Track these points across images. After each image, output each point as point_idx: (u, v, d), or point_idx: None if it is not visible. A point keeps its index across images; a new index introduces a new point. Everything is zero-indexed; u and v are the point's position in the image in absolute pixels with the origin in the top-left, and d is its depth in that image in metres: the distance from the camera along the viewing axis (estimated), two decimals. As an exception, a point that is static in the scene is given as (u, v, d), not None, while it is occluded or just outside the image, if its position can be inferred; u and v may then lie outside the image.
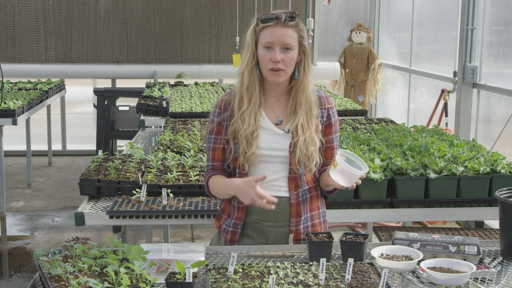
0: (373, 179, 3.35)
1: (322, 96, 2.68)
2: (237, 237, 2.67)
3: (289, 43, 2.52)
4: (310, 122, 2.59)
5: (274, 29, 2.52)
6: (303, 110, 2.58)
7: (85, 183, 3.47)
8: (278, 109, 2.65)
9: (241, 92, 2.59)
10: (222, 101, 2.68)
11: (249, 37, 2.58)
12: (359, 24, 9.51)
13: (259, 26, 2.55)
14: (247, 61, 2.58)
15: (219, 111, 2.66)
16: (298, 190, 2.64)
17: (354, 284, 2.14)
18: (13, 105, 6.53)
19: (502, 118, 5.76)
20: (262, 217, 2.64)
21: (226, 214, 2.73)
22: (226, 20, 9.44)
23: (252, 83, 2.58)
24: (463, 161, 3.51)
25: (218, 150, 2.66)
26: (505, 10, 5.92)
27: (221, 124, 2.65)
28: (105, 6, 9.32)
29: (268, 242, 2.67)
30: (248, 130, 2.55)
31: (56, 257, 2.31)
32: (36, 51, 9.28)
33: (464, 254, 2.39)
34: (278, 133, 2.61)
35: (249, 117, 2.56)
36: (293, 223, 2.65)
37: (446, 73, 7.05)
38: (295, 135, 2.58)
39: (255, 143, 2.56)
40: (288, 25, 2.53)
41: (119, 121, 8.35)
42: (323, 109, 2.66)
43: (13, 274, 5.23)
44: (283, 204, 2.63)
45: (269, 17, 2.53)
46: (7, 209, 6.85)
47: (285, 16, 2.53)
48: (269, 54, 2.53)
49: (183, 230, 6.28)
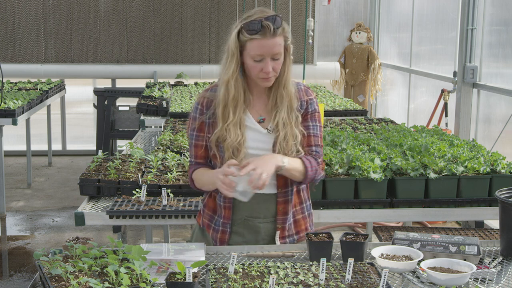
0: (373, 179, 3.35)
1: (301, 89, 2.65)
2: (227, 237, 2.66)
3: (278, 52, 2.48)
4: (290, 116, 2.57)
5: (263, 41, 2.44)
6: (284, 105, 2.56)
7: (85, 183, 3.47)
8: (260, 107, 2.62)
9: (225, 101, 2.53)
10: (204, 98, 2.63)
11: (232, 45, 2.48)
12: (359, 24, 9.51)
13: (245, 36, 2.46)
14: (232, 70, 2.50)
15: (201, 108, 2.62)
16: (287, 189, 2.63)
17: (354, 284, 2.14)
18: (13, 105, 6.53)
19: (502, 118, 5.76)
20: (252, 213, 2.64)
21: (209, 209, 2.71)
22: (226, 20, 9.44)
23: (238, 92, 2.53)
24: (463, 161, 3.51)
25: (201, 148, 2.64)
26: (505, 10, 5.92)
27: (203, 122, 2.62)
28: (105, 6, 9.32)
29: (259, 238, 2.66)
30: (234, 141, 2.52)
31: (56, 257, 2.30)
32: (36, 51, 9.28)
33: (464, 254, 2.39)
34: (262, 131, 2.60)
35: (235, 128, 2.53)
36: (279, 220, 2.65)
37: (446, 73, 7.05)
38: (275, 131, 2.56)
39: (242, 150, 2.54)
40: (276, 35, 2.46)
41: (119, 121, 8.35)
42: (303, 101, 2.63)
43: (13, 274, 5.23)
44: (270, 200, 2.62)
45: (256, 28, 2.43)
46: (7, 209, 6.85)
47: (273, 26, 2.44)
48: (259, 65, 2.48)
49: (183, 230, 6.28)
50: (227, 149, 2.53)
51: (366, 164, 3.38)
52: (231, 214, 2.64)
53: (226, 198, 2.60)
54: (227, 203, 2.63)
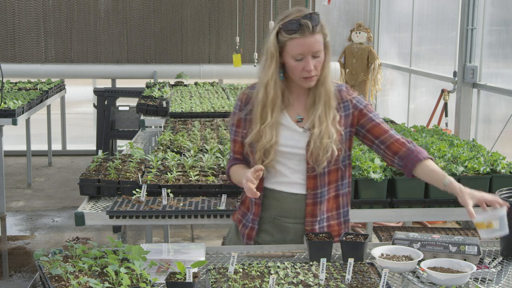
0: (373, 179, 3.35)
1: (342, 90, 2.64)
2: (254, 233, 2.67)
3: (318, 49, 2.49)
4: (328, 114, 2.55)
5: (302, 40, 2.46)
6: (321, 102, 2.56)
7: (85, 183, 3.47)
8: (299, 106, 2.63)
9: (264, 102, 2.56)
10: (244, 94, 2.69)
11: (272, 46, 2.50)
12: (359, 24, 9.51)
13: (284, 36, 2.49)
14: (272, 71, 2.52)
15: (240, 104, 2.68)
16: (317, 191, 2.61)
17: (354, 284, 2.14)
18: (13, 105, 6.53)
19: (502, 118, 5.76)
20: (281, 213, 2.64)
21: (244, 207, 2.74)
22: (226, 20, 9.44)
23: (276, 93, 2.55)
24: (463, 161, 3.51)
25: (238, 143, 2.69)
26: (505, 10, 5.92)
27: (241, 118, 2.66)
28: (105, 6, 9.32)
29: (287, 238, 2.66)
30: (267, 143, 2.54)
31: (56, 257, 2.30)
32: (36, 51, 9.28)
33: (464, 254, 2.39)
34: (298, 130, 2.60)
35: (270, 129, 2.55)
36: (308, 222, 2.64)
37: (446, 73, 7.05)
38: (311, 128, 2.56)
39: (273, 152, 2.55)
40: (315, 32, 2.48)
41: (119, 121, 8.35)
42: (346, 102, 2.63)
43: (13, 274, 5.23)
44: (300, 201, 2.62)
45: (294, 28, 2.46)
46: (7, 209, 6.85)
47: (311, 24, 2.46)
48: (301, 64, 2.49)
49: (183, 230, 6.28)
50: (259, 149, 2.56)
51: (366, 164, 3.38)
52: (260, 211, 2.66)
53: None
54: (257, 199, 2.65)
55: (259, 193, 2.46)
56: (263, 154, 2.56)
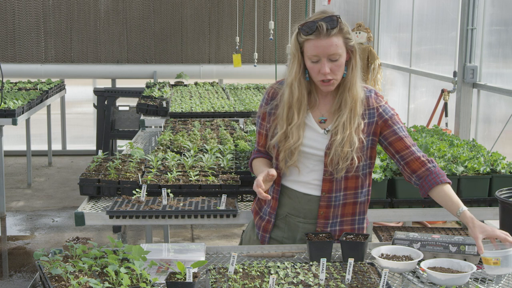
0: (373, 179, 3.35)
1: (371, 96, 2.61)
2: (270, 226, 2.69)
3: (334, 53, 2.47)
4: (352, 121, 2.53)
5: (317, 42, 2.46)
6: (347, 108, 2.54)
7: (85, 183, 3.47)
8: (324, 107, 2.62)
9: (290, 103, 2.55)
10: (272, 88, 2.69)
11: (293, 47, 2.53)
12: (359, 24, 9.51)
13: (302, 37, 2.49)
14: (295, 71, 2.53)
15: (267, 97, 2.68)
16: (331, 194, 2.60)
17: (355, 284, 2.14)
18: (13, 105, 6.53)
19: (502, 118, 5.76)
20: (293, 211, 2.65)
21: (262, 199, 2.74)
22: (226, 20, 9.44)
23: (302, 93, 2.55)
24: (463, 161, 3.51)
25: (262, 136, 2.71)
26: (505, 10, 5.92)
27: (266, 112, 2.67)
28: (105, 6, 9.32)
29: (297, 237, 2.67)
30: (294, 144, 2.54)
31: (56, 257, 2.31)
32: (36, 51, 9.28)
33: (465, 254, 2.39)
34: (319, 131, 2.59)
35: (297, 130, 2.55)
36: (319, 224, 2.64)
37: (446, 73, 7.05)
38: (334, 134, 2.54)
39: (296, 154, 2.55)
40: (331, 35, 2.46)
41: (119, 121, 8.35)
42: (371, 109, 2.59)
43: (13, 274, 5.23)
44: (313, 202, 2.62)
45: (310, 29, 2.46)
46: (7, 209, 6.85)
47: (326, 26, 2.45)
48: (316, 66, 2.49)
49: (183, 230, 6.29)
50: (285, 150, 2.56)
51: (366, 164, 3.38)
52: (276, 207, 2.67)
53: (275, 188, 2.65)
54: (275, 193, 2.66)
55: (270, 197, 2.47)
56: (286, 155, 2.56)
